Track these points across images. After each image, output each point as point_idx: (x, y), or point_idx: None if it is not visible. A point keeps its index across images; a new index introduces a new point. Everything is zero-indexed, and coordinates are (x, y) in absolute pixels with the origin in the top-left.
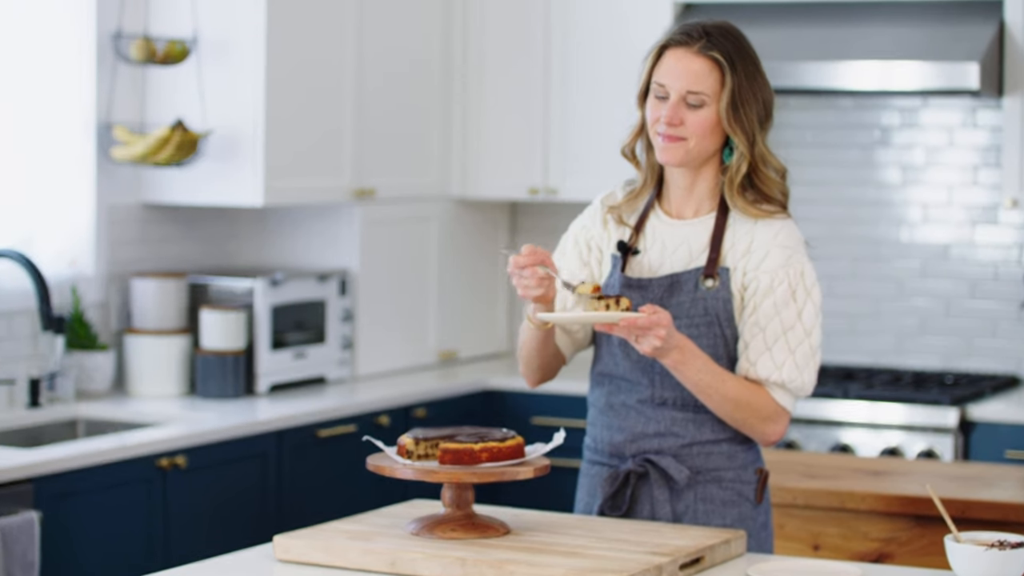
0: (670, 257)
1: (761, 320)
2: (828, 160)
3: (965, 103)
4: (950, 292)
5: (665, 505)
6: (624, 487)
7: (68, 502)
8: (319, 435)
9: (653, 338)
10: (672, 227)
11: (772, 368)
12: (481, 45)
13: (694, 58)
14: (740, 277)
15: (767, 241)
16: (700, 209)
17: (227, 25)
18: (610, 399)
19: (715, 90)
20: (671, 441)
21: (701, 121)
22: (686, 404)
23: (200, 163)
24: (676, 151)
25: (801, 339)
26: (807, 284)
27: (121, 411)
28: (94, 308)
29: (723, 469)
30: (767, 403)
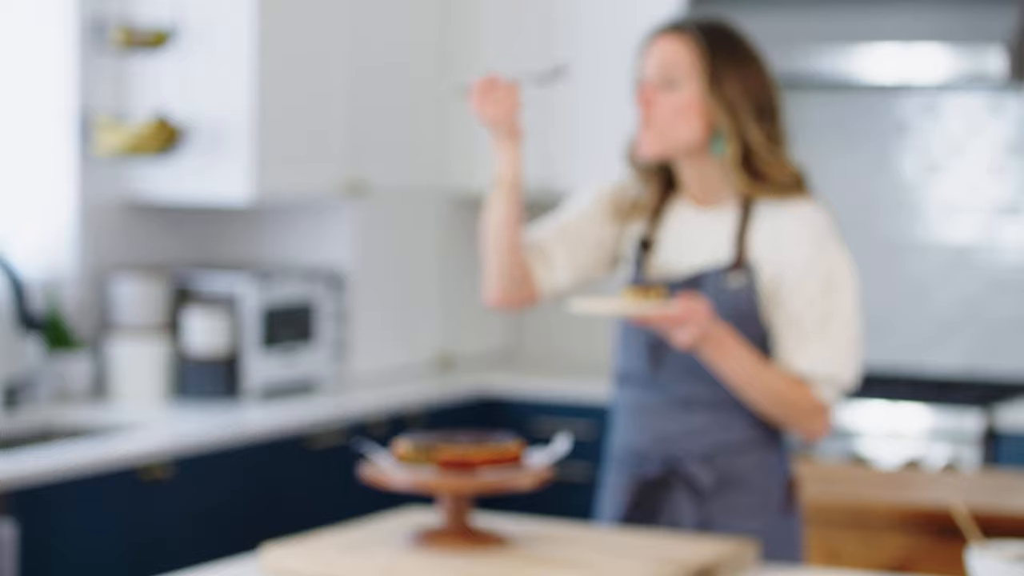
0: (691, 250)
1: (796, 313)
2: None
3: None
4: (973, 292)
5: (689, 515)
6: (648, 497)
7: (46, 512)
8: (309, 443)
9: (689, 331)
10: (695, 217)
11: (812, 362)
12: (479, 32)
13: (666, 41)
14: (769, 269)
15: (795, 229)
16: (722, 197)
17: (213, 11)
18: (632, 401)
19: (688, 70)
20: (697, 443)
21: (674, 102)
22: (713, 403)
23: (184, 156)
24: (648, 138)
25: (840, 330)
26: (842, 271)
27: (101, 415)
28: (72, 308)
29: (749, 475)
30: (809, 398)
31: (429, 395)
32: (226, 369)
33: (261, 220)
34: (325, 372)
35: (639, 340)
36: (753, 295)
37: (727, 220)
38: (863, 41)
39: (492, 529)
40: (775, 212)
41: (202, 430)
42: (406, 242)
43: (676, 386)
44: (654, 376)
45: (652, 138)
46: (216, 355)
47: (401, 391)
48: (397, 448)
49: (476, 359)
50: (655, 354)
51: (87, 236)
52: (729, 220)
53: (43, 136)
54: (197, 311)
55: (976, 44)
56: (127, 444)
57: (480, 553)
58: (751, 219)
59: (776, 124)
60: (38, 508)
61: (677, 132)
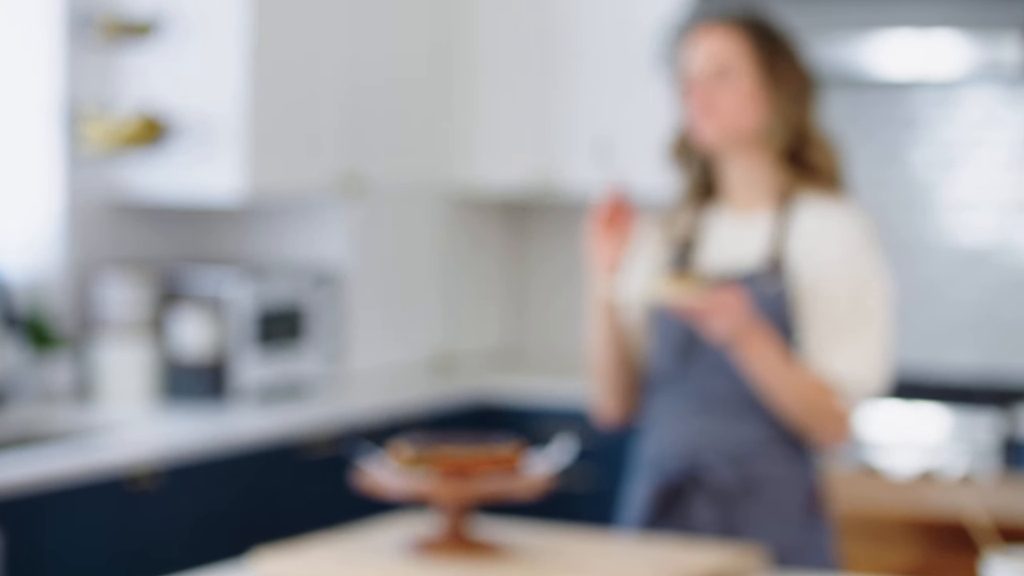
0: (728, 255)
1: (830, 316)
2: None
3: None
4: (989, 292)
5: (711, 521)
6: (670, 504)
7: (32, 521)
8: (301, 449)
9: (723, 322)
10: (733, 221)
11: (842, 366)
12: (477, 23)
13: (712, 33)
14: (806, 270)
15: (834, 232)
16: (760, 200)
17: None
18: (660, 407)
19: (743, 60)
20: (721, 446)
21: (732, 93)
22: (739, 404)
23: (173, 152)
24: (710, 127)
25: (872, 337)
26: (878, 278)
27: (86, 418)
28: (57, 307)
29: (772, 480)
30: (833, 403)
31: (426, 398)
32: (215, 371)
33: (252, 217)
34: (319, 374)
35: (673, 338)
36: (785, 300)
37: (765, 223)
38: (874, 30)
39: (490, 537)
40: (815, 212)
41: (191, 437)
42: (403, 240)
43: (704, 385)
44: (683, 374)
45: (715, 126)
46: (205, 357)
47: (397, 393)
48: (396, 452)
49: (475, 359)
50: (686, 352)
51: (72, 234)
52: (767, 223)
53: (27, 131)
54: (185, 311)
55: (991, 33)
56: (114, 452)
57: (478, 562)
58: (790, 220)
59: (814, 100)
60: (24, 517)
61: (739, 120)
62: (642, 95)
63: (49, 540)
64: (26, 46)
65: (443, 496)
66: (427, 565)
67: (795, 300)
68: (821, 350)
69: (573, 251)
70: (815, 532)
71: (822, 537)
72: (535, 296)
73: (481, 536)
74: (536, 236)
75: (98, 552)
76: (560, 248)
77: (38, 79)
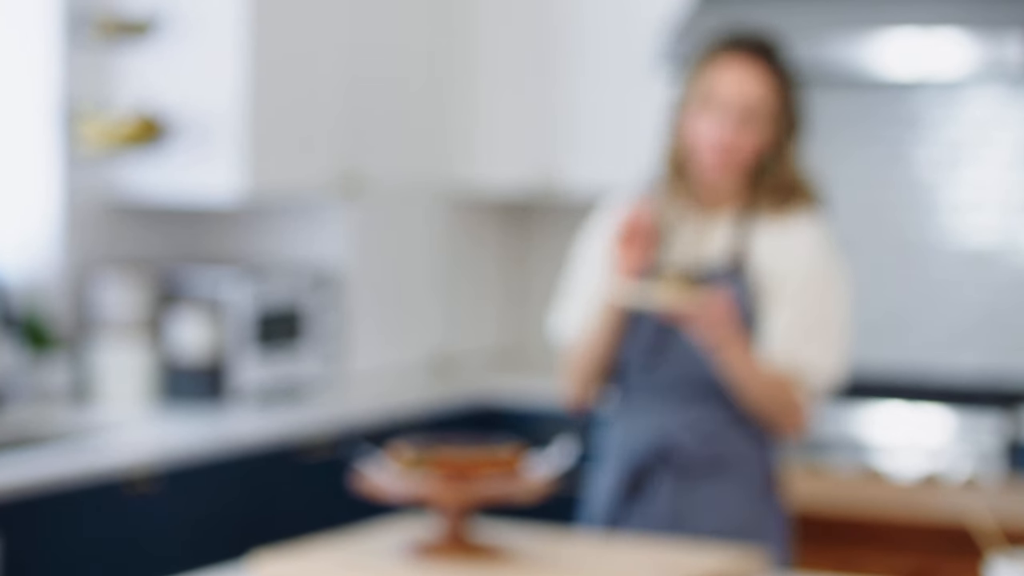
0: (691, 251)
1: (791, 314)
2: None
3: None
4: (993, 293)
5: (674, 495)
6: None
7: (29, 525)
8: (299, 452)
9: (714, 331)
10: (698, 219)
11: (803, 361)
12: (478, 23)
13: (745, 70)
14: (769, 274)
15: (795, 237)
16: (724, 201)
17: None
18: (625, 392)
19: (768, 106)
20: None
21: (753, 138)
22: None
23: (171, 151)
24: (724, 167)
25: (832, 333)
26: (836, 276)
27: (83, 419)
28: (54, 308)
29: (738, 458)
30: (795, 395)
31: (425, 399)
32: (213, 372)
33: (251, 218)
34: (318, 375)
35: (646, 333)
36: (746, 297)
37: (727, 224)
38: (877, 29)
39: (490, 540)
40: (776, 218)
41: (189, 438)
42: (402, 240)
43: (674, 373)
44: (654, 365)
45: (728, 167)
46: (203, 358)
47: (397, 395)
48: (395, 454)
49: (475, 360)
50: (658, 345)
51: (70, 234)
52: (729, 224)
53: (24, 130)
54: (184, 312)
55: (995, 33)
56: (112, 454)
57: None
58: (752, 225)
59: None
60: (22, 519)
61: (747, 166)
62: (643, 95)
63: (47, 542)
64: (23, 45)
65: (443, 498)
66: (427, 568)
67: (756, 298)
68: (785, 345)
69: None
70: (771, 510)
71: (778, 515)
72: (535, 296)
73: (481, 539)
74: (536, 236)
75: (96, 554)
76: (560, 248)
77: (35, 78)
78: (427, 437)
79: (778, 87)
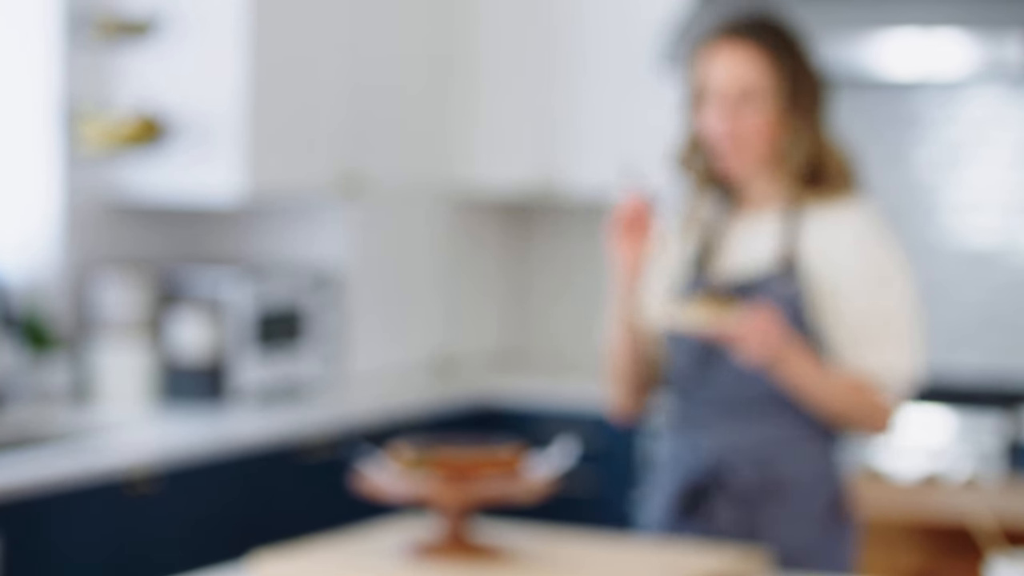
0: (741, 257)
1: (857, 314)
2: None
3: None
4: (994, 294)
5: (733, 524)
6: (691, 507)
7: (29, 525)
8: (300, 452)
9: (758, 351)
10: (744, 223)
11: (874, 361)
12: (479, 23)
13: (735, 50)
14: (822, 273)
15: (845, 231)
16: (770, 199)
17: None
18: (678, 412)
19: (766, 86)
20: (743, 450)
21: (756, 119)
22: (762, 406)
23: (171, 151)
24: (737, 159)
25: (902, 326)
26: (896, 267)
27: (83, 420)
28: (54, 308)
29: (796, 483)
30: (874, 398)
31: (426, 400)
32: (213, 373)
33: (251, 218)
34: (318, 376)
35: (691, 344)
36: (801, 301)
37: (775, 225)
38: (878, 29)
39: (491, 540)
40: (824, 214)
41: (189, 439)
42: (403, 241)
43: (726, 389)
44: (704, 379)
45: (742, 158)
46: (203, 358)
47: (397, 395)
48: (396, 454)
49: (476, 361)
50: (706, 357)
51: (70, 234)
52: (777, 225)
53: (24, 130)
54: (184, 312)
55: (995, 33)
56: (112, 454)
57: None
58: (800, 223)
59: (826, 106)
60: (22, 520)
61: (757, 149)
62: (643, 95)
63: (47, 543)
64: (24, 45)
65: (443, 499)
66: (427, 569)
67: (812, 300)
68: (852, 348)
69: (574, 252)
70: (836, 537)
71: (843, 543)
72: (536, 297)
73: (481, 539)
74: (537, 237)
75: (96, 555)
76: (561, 249)
77: (36, 79)
78: (427, 437)
79: (774, 63)
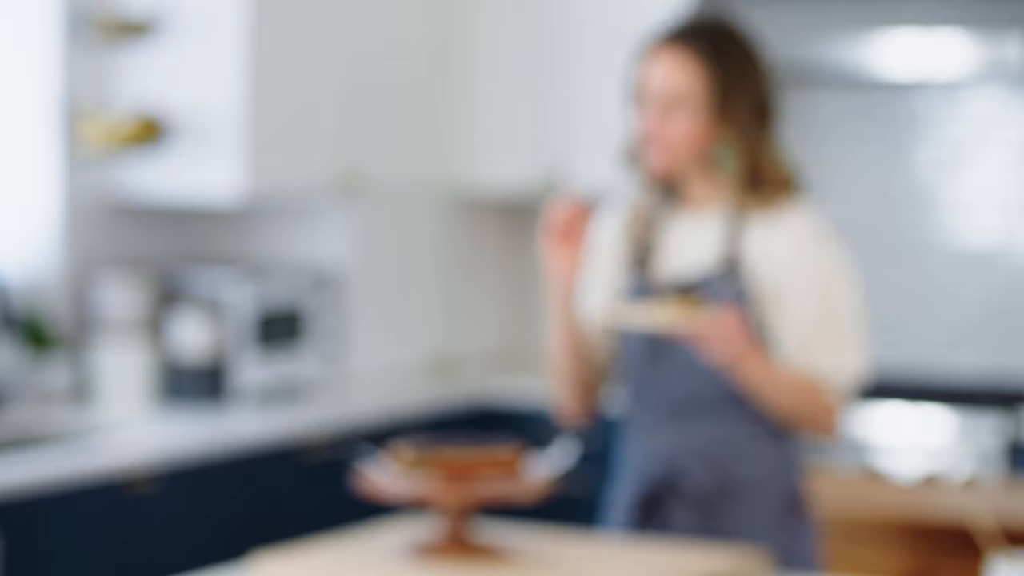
0: (684, 257)
1: (800, 315)
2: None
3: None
4: (993, 294)
5: (691, 527)
6: (651, 514)
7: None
8: (300, 452)
9: (723, 350)
10: (688, 222)
11: (823, 361)
12: (478, 23)
13: (672, 55)
14: (766, 275)
15: (789, 234)
16: (711, 199)
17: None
18: (631, 406)
19: (698, 93)
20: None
21: (683, 124)
22: (714, 406)
23: (172, 151)
24: (658, 156)
25: (849, 326)
26: (841, 268)
27: (84, 420)
28: (55, 308)
29: (752, 483)
30: (824, 397)
31: (426, 400)
32: (213, 373)
33: (252, 218)
34: (318, 376)
35: (639, 343)
36: (745, 301)
37: (719, 225)
38: (877, 29)
39: (491, 540)
40: (767, 218)
41: (189, 439)
42: (403, 240)
43: (676, 388)
44: (654, 378)
45: (662, 156)
46: (203, 358)
47: (397, 395)
48: (395, 454)
49: (475, 360)
50: (654, 356)
51: (70, 234)
52: (722, 225)
53: (25, 130)
54: (184, 312)
55: (995, 32)
56: (112, 454)
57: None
58: (744, 225)
59: (774, 124)
60: (22, 520)
61: (687, 153)
62: None
63: (47, 542)
64: (24, 45)
65: (443, 499)
66: (427, 569)
67: (755, 301)
68: (798, 349)
69: None
70: (796, 534)
71: (803, 540)
72: (535, 297)
73: (481, 539)
74: (536, 236)
75: (96, 555)
76: None
77: (36, 78)
78: (427, 437)
79: (709, 71)
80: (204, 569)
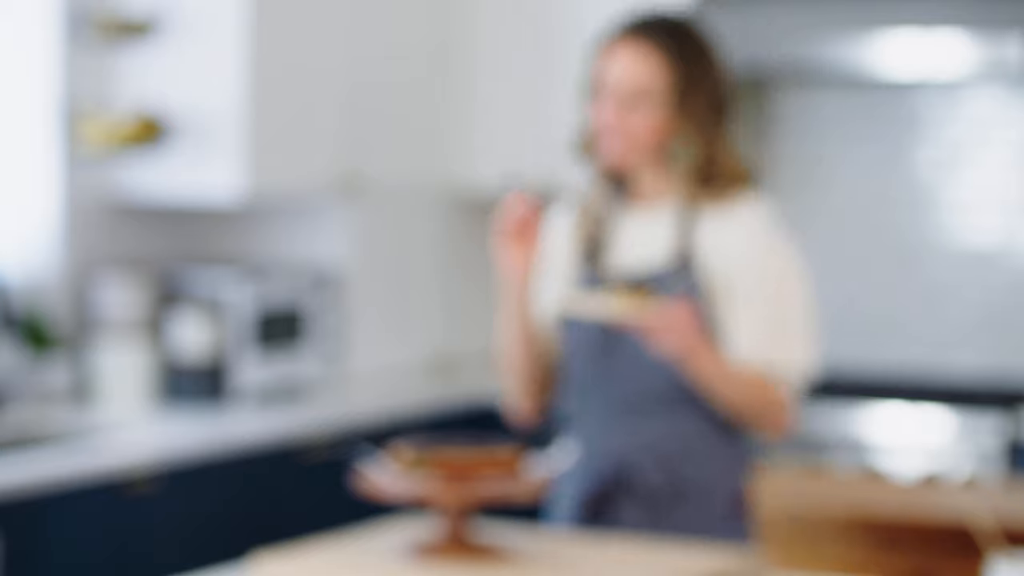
0: (636, 251)
1: (751, 310)
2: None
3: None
4: (994, 294)
5: (639, 525)
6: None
7: (29, 525)
8: (300, 452)
9: (673, 341)
10: (639, 219)
11: (774, 357)
12: (477, 23)
13: (632, 49)
14: (718, 270)
15: (740, 228)
16: (662, 194)
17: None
18: (577, 403)
19: (657, 88)
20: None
21: (642, 119)
22: (663, 402)
23: (172, 151)
24: (615, 148)
25: (796, 322)
26: (792, 263)
27: (84, 419)
28: (55, 308)
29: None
30: (775, 393)
31: (426, 400)
32: (213, 373)
33: (252, 218)
34: (318, 376)
35: (589, 339)
36: (697, 295)
37: (671, 220)
38: (877, 29)
39: (490, 540)
40: (718, 213)
41: (189, 439)
42: (403, 240)
43: (625, 384)
44: (603, 374)
45: (620, 149)
46: (203, 358)
47: (397, 395)
48: (395, 454)
49: (475, 361)
50: (604, 352)
51: (70, 234)
52: (673, 220)
53: (25, 130)
54: (184, 312)
55: (995, 33)
56: (112, 454)
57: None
58: (696, 219)
59: (730, 119)
60: (22, 520)
61: (643, 147)
62: None
63: (47, 542)
64: (24, 45)
65: (443, 499)
66: (427, 568)
67: (707, 296)
68: (752, 343)
69: None
70: (737, 532)
71: (742, 537)
72: None
73: (481, 539)
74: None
75: (96, 555)
76: None
77: (36, 78)
78: (427, 437)
79: (670, 66)
80: (204, 569)
